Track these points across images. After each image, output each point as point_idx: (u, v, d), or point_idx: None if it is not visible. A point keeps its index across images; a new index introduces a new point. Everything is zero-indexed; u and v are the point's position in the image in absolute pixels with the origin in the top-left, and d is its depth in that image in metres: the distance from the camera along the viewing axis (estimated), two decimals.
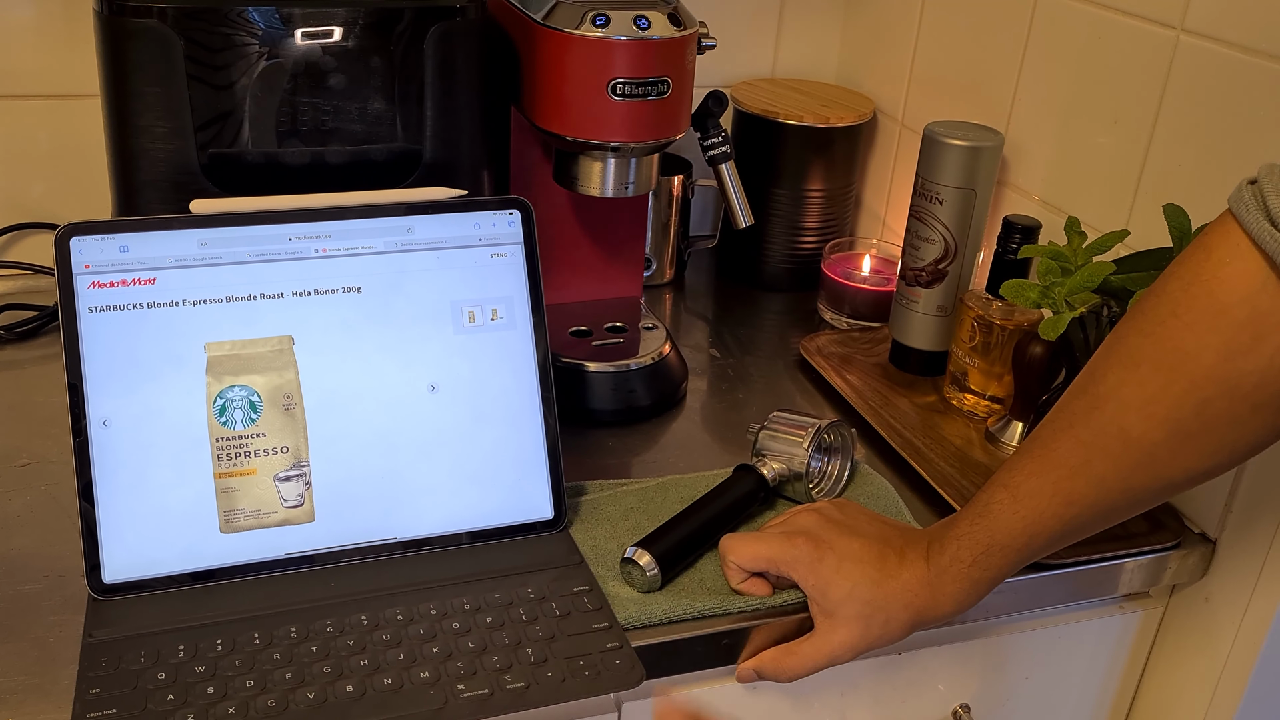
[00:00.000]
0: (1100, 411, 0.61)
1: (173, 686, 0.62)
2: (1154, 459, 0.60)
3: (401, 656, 0.65)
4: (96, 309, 0.68)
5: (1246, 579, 0.80)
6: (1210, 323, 0.56)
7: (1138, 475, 0.61)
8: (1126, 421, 0.60)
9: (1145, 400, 0.59)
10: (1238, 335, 0.56)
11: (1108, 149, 0.90)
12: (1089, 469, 0.62)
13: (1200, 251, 0.58)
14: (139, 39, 0.74)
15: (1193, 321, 0.57)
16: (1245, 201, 0.56)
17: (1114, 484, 0.61)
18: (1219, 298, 0.56)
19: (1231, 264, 0.56)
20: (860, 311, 1.10)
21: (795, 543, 0.69)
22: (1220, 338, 0.56)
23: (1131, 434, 0.60)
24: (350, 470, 0.72)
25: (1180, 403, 0.58)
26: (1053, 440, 0.64)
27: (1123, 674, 0.89)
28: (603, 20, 0.79)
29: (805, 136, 1.13)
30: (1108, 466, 0.61)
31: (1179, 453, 0.59)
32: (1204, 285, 0.57)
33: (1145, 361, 0.59)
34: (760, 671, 0.71)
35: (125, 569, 0.68)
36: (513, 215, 0.77)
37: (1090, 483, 0.62)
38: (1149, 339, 0.59)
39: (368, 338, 0.73)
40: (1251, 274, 0.55)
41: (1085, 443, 0.62)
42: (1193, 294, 0.57)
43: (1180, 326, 0.58)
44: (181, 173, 0.77)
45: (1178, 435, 0.59)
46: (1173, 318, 0.58)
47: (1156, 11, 0.84)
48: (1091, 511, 0.63)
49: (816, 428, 0.80)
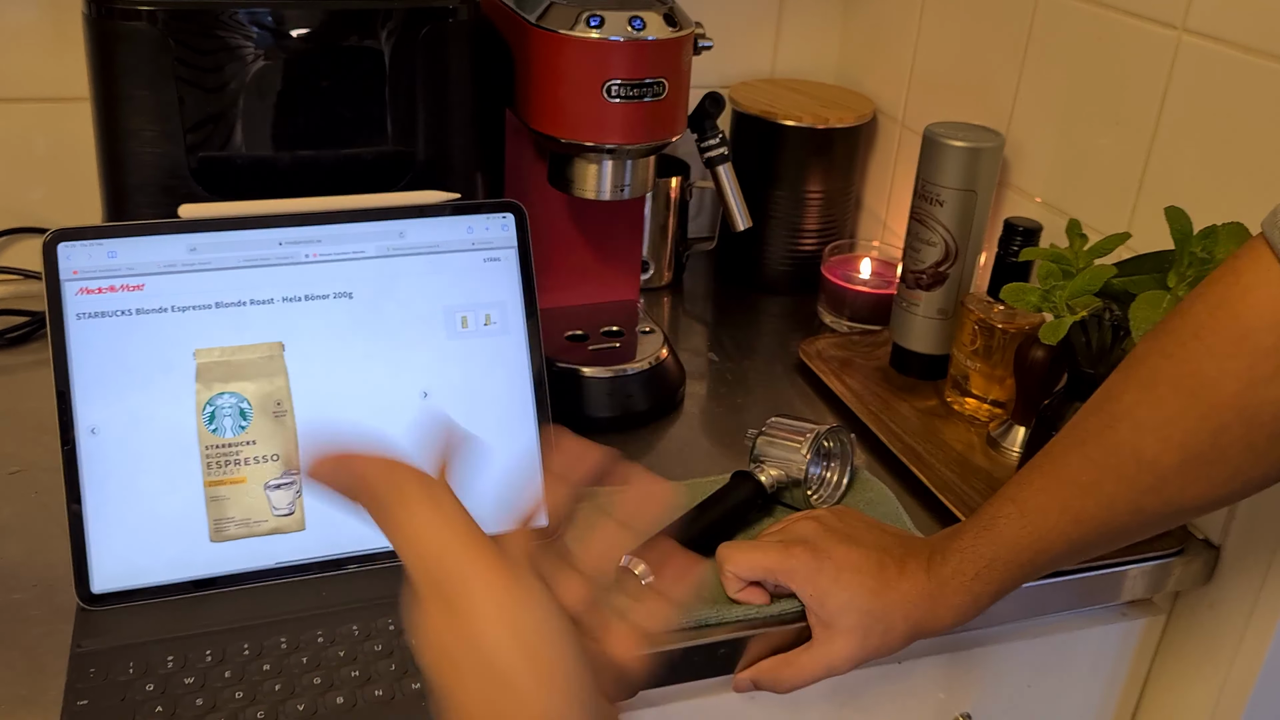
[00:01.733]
0: (1114, 431, 0.60)
1: (161, 698, 0.61)
2: (1166, 483, 0.59)
3: (393, 667, 0.64)
4: (84, 315, 0.68)
5: (1251, 585, 0.79)
6: (1233, 348, 0.55)
7: (1148, 499, 0.59)
8: (1140, 443, 0.59)
9: (1161, 423, 0.58)
10: (1261, 363, 0.54)
11: (1109, 150, 0.89)
12: (1099, 489, 0.60)
13: (1229, 274, 0.57)
14: (127, 42, 0.73)
15: (1215, 345, 0.56)
16: (1279, 226, 0.55)
17: (1123, 506, 0.60)
18: (1245, 323, 0.55)
19: (1260, 289, 0.55)
20: (860, 314, 1.09)
21: (793, 552, 0.68)
22: (1243, 364, 0.55)
23: (1145, 456, 0.59)
24: None
25: (1197, 428, 0.57)
26: (1064, 457, 0.63)
27: (1126, 681, 0.88)
28: (597, 21, 0.78)
29: (805, 137, 1.12)
30: (1118, 487, 0.60)
31: (1192, 479, 0.58)
32: (1230, 309, 0.56)
33: (1164, 383, 0.58)
34: (757, 682, 0.70)
35: (114, 578, 0.67)
36: (506, 219, 0.76)
37: (1100, 503, 0.61)
38: (1169, 360, 0.58)
39: (359, 343, 0.72)
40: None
41: (1097, 462, 0.61)
42: (1218, 317, 0.56)
43: (1202, 350, 0.56)
44: (171, 177, 0.76)
45: (1192, 461, 0.57)
46: (1195, 340, 0.57)
47: (1158, 11, 0.83)
48: (1099, 533, 0.62)
49: (815, 434, 0.79)
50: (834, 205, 1.16)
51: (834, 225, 1.17)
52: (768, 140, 1.12)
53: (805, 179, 1.14)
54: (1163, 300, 0.71)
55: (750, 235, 1.14)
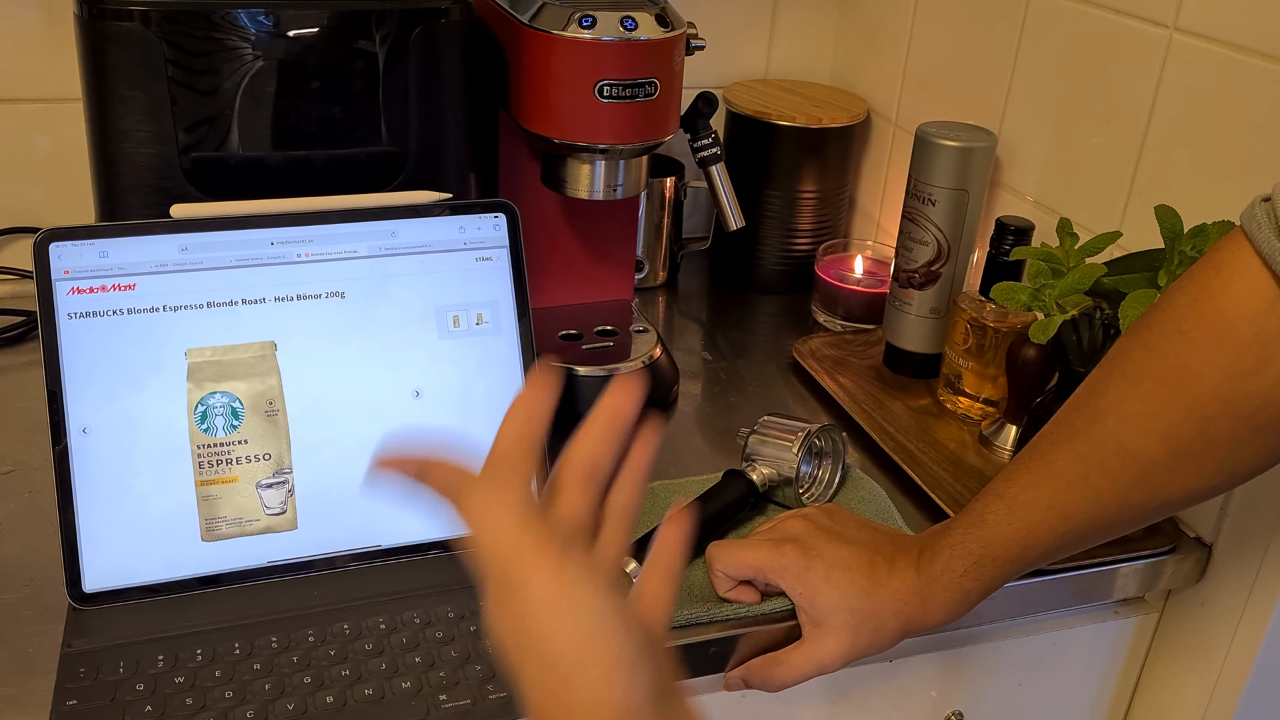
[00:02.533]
0: (1100, 425, 0.60)
1: (151, 698, 0.61)
2: (1152, 476, 0.59)
3: (383, 666, 0.64)
4: (76, 315, 0.68)
5: (1242, 584, 0.79)
6: (1216, 341, 0.55)
7: (1135, 492, 0.60)
8: (1126, 437, 0.59)
9: (1146, 416, 0.58)
10: (1244, 355, 0.54)
11: (1101, 149, 0.89)
12: (1086, 483, 0.61)
13: (1209, 268, 0.57)
14: (119, 42, 0.73)
15: (1198, 339, 0.56)
16: (1258, 219, 0.55)
17: (1111, 500, 0.60)
18: (1226, 315, 0.55)
19: (1241, 282, 0.55)
20: (854, 313, 1.09)
21: (783, 550, 0.69)
22: (1226, 356, 0.55)
23: (1131, 449, 0.59)
24: (333, 477, 0.71)
25: (1182, 420, 0.57)
26: (1051, 452, 0.63)
27: (1118, 680, 0.88)
28: (589, 21, 0.79)
29: (798, 137, 1.12)
30: (1105, 482, 0.60)
31: (1178, 471, 0.58)
32: (1211, 302, 0.56)
33: (1148, 377, 0.58)
34: (748, 680, 0.70)
35: (105, 578, 0.67)
36: (498, 219, 0.76)
37: (1087, 497, 0.61)
38: (1153, 354, 0.58)
39: (351, 343, 0.72)
40: (1260, 293, 0.54)
41: (1083, 456, 0.61)
42: (1199, 310, 0.56)
43: (1185, 343, 0.56)
44: (164, 177, 0.76)
45: (1178, 453, 0.58)
46: (1178, 334, 0.57)
47: (1149, 10, 0.83)
48: (1087, 527, 0.62)
49: (806, 432, 0.79)
50: (827, 205, 1.16)
51: (827, 225, 1.17)
52: (761, 140, 1.13)
53: (799, 179, 1.14)
54: (1153, 299, 0.72)
55: (744, 235, 1.14)
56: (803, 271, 1.16)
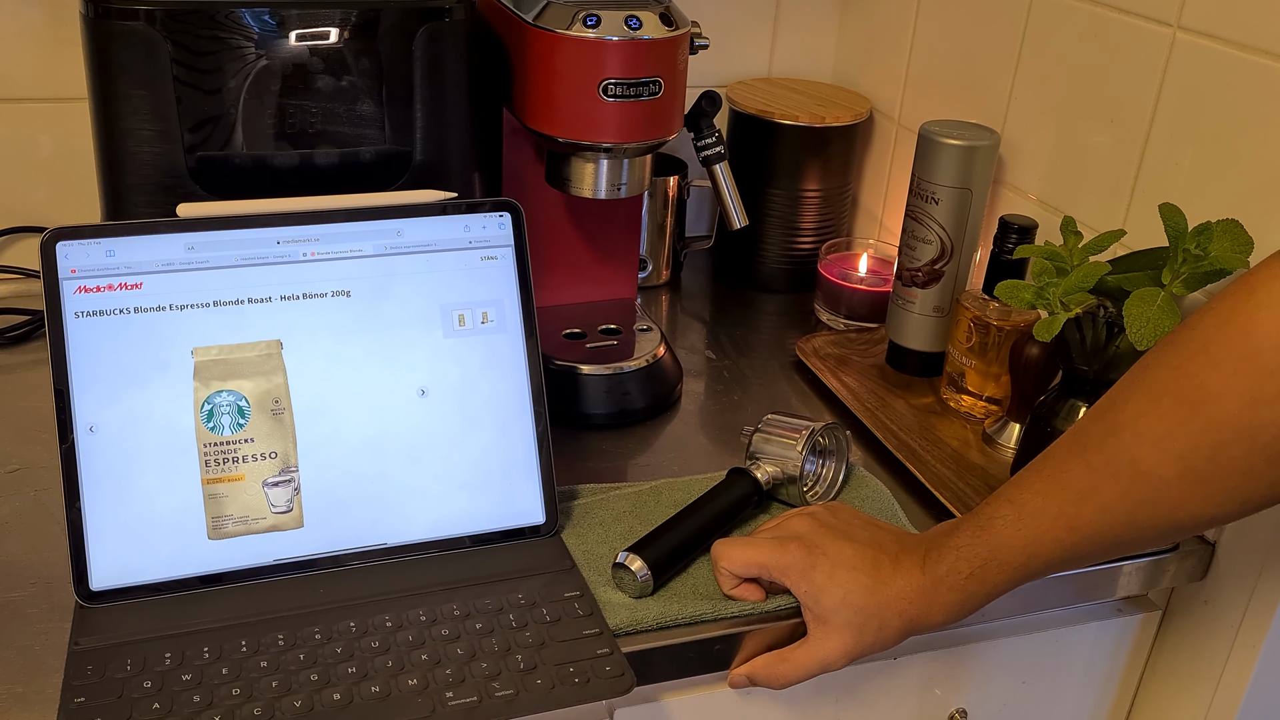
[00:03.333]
0: (1115, 439, 0.60)
1: (158, 695, 0.61)
2: (1162, 496, 0.58)
3: (390, 664, 0.64)
4: (83, 314, 0.68)
5: (1245, 581, 0.79)
6: (1238, 365, 0.55)
7: (1144, 510, 0.59)
8: (1140, 452, 0.58)
9: (1161, 434, 0.58)
10: (1265, 382, 0.54)
11: (1104, 148, 0.89)
12: (1096, 496, 0.60)
13: (1242, 290, 0.56)
14: (125, 41, 0.73)
15: (1221, 360, 0.55)
16: None
17: (1119, 515, 0.60)
18: (1253, 340, 0.54)
19: (1272, 308, 0.54)
20: (857, 312, 1.09)
21: (787, 548, 0.69)
22: (1247, 382, 0.54)
23: (1143, 466, 0.58)
24: (339, 475, 0.71)
25: (1196, 442, 0.56)
26: (1064, 462, 0.63)
27: (1121, 677, 0.89)
28: (593, 20, 0.79)
29: (801, 136, 1.12)
30: (1115, 496, 0.60)
31: (1188, 494, 0.58)
32: (1239, 326, 0.55)
33: (1168, 395, 0.58)
34: (753, 678, 0.70)
35: (112, 576, 0.67)
36: (503, 217, 0.76)
37: (1095, 510, 0.60)
38: (1175, 372, 0.58)
39: (357, 342, 0.72)
40: None
41: (1095, 469, 0.60)
42: (1226, 333, 0.56)
43: (1208, 364, 0.56)
44: (169, 176, 0.76)
45: (1189, 476, 0.57)
46: (1202, 354, 0.56)
47: (1153, 9, 0.83)
48: (1093, 541, 0.62)
49: (810, 430, 0.80)
50: (830, 204, 1.17)
51: (831, 223, 1.18)
52: (765, 139, 1.13)
53: (802, 177, 1.14)
54: (1157, 297, 0.72)
55: (747, 234, 1.14)
56: (806, 270, 1.16)
